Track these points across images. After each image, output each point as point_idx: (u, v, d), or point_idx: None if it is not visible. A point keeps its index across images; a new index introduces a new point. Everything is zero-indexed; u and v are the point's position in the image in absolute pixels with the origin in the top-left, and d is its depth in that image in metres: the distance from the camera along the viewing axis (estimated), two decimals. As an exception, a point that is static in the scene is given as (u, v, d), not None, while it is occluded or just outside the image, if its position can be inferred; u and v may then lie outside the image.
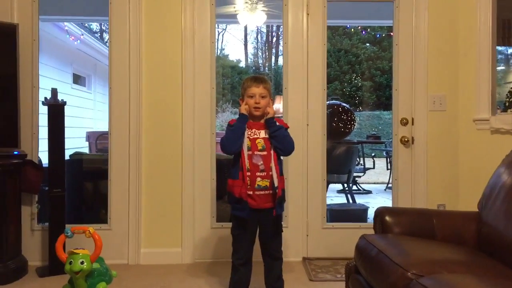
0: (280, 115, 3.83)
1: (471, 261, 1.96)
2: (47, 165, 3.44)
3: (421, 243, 2.14)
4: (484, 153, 3.52)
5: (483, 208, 2.30)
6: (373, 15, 4.92)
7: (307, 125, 3.76)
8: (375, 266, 1.95)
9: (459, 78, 3.72)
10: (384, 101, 17.21)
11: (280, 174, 2.57)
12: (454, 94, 3.73)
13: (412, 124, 3.74)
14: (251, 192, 2.52)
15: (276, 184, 2.50)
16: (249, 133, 2.58)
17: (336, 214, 4.61)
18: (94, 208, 4.43)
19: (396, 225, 2.31)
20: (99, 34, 12.60)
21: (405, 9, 3.76)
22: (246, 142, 2.55)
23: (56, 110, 3.39)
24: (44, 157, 3.62)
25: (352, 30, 15.59)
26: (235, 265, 2.65)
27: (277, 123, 2.59)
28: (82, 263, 2.15)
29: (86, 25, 8.08)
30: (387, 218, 2.33)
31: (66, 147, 3.47)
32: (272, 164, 2.52)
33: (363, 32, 15.01)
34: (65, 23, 6.75)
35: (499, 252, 2.05)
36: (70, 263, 2.14)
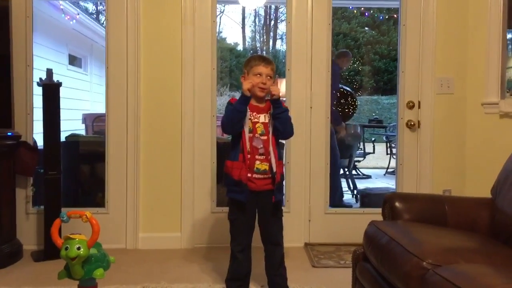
0: (283, 99, 3.72)
1: (487, 250, 1.87)
2: (42, 147, 3.33)
3: (433, 230, 2.05)
4: (493, 138, 3.43)
5: (497, 194, 2.21)
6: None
7: (311, 107, 3.65)
8: (386, 254, 1.86)
9: (467, 60, 3.61)
10: (382, 86, 17.06)
11: (279, 158, 2.49)
12: (462, 77, 3.62)
13: (419, 107, 3.64)
14: (250, 175, 2.44)
15: (274, 169, 2.43)
16: (251, 116, 2.48)
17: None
18: (91, 192, 4.33)
19: (406, 212, 2.22)
20: (95, 16, 12.36)
21: (413, -12, 3.62)
22: (248, 124, 2.46)
23: (51, 90, 3.27)
24: (39, 139, 3.50)
25: (355, 11, 15.25)
26: (234, 252, 2.54)
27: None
28: (78, 248, 2.03)
29: (81, 3, 7.86)
30: (397, 204, 2.24)
31: (62, 129, 3.36)
32: (271, 148, 2.45)
33: (366, 14, 14.66)
34: (61, 2, 6.55)
35: (515, 241, 1.96)
36: (66, 248, 2.03)
